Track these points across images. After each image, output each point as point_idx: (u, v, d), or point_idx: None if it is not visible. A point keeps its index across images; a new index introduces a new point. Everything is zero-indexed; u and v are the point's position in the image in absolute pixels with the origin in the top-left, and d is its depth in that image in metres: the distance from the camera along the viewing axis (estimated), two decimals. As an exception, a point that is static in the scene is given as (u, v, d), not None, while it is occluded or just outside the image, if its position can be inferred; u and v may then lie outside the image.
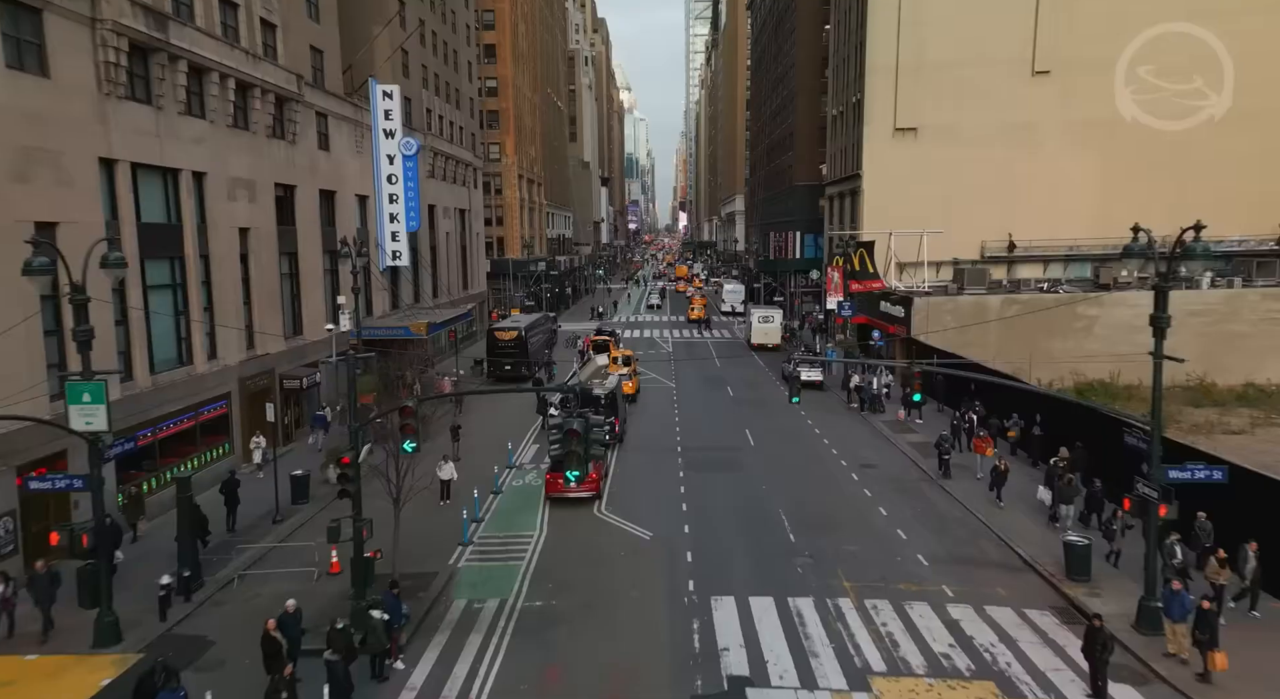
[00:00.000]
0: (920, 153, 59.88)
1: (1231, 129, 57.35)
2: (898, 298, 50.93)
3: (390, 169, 47.30)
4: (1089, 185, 59.22)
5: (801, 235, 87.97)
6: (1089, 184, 59.19)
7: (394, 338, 43.68)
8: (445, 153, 61.56)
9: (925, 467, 32.22)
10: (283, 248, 36.16)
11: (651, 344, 70.70)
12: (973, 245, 60.30)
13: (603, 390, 34.99)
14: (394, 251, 48.08)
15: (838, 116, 70.37)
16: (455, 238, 65.41)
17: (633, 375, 46.02)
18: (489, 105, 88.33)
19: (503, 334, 52.29)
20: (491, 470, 31.32)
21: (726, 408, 44.05)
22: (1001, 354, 47.58)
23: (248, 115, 33.01)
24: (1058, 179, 59.23)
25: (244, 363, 32.32)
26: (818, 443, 36.39)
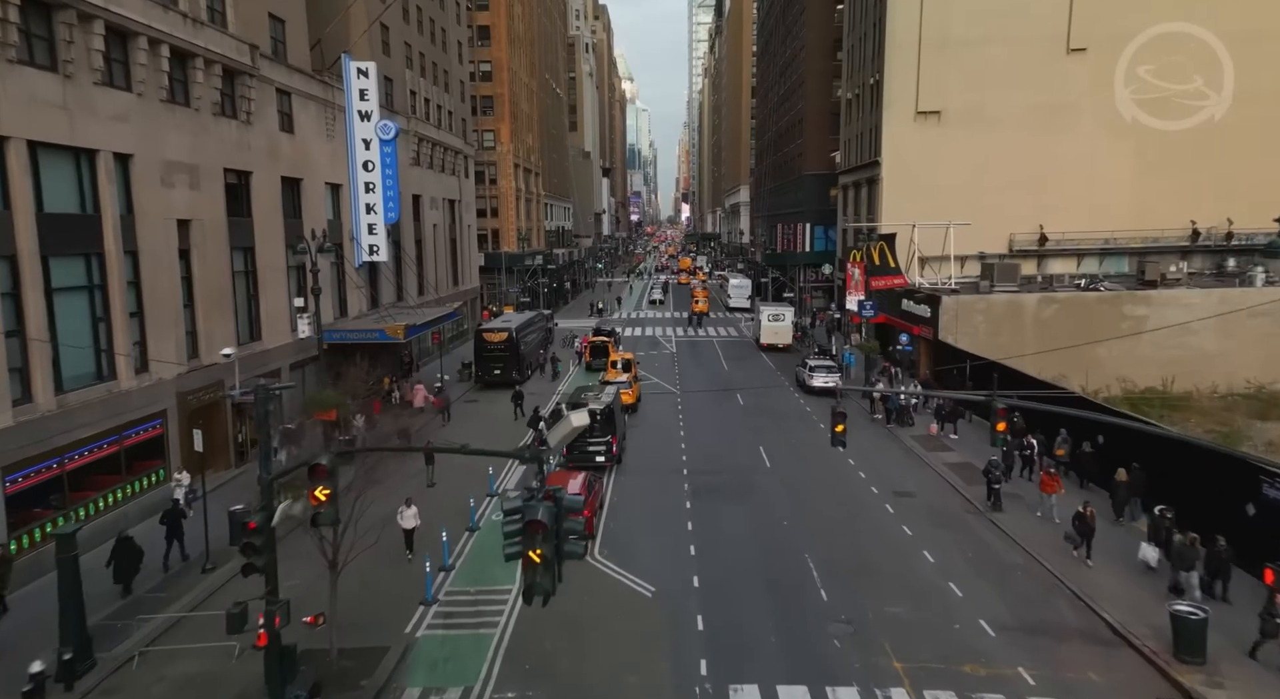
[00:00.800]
0: (944, 138, 55.44)
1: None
2: (923, 296, 46.55)
3: (366, 155, 42.93)
4: (1127, 173, 54.76)
5: (811, 227, 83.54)
6: (1127, 171, 54.73)
7: (367, 342, 39.39)
8: (432, 139, 57.15)
9: (969, 495, 27.88)
10: (235, 242, 31.85)
11: (654, 343, 66.35)
12: (1000, 238, 55.91)
13: (598, 405, 30.69)
14: (371, 246, 43.73)
15: (853, 100, 65.85)
16: (444, 230, 61.06)
17: (633, 382, 41.71)
18: (483, 90, 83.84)
19: (492, 336, 48.00)
20: (468, 500, 27.04)
21: (737, 419, 39.74)
22: (1038, 358, 43.29)
23: (188, 89, 28.64)
24: (1093, 166, 54.79)
25: (185, 375, 28.04)
26: (841, 463, 32.09)
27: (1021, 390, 34.26)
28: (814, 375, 44.95)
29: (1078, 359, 42.99)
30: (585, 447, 30.45)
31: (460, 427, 39.07)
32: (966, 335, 43.91)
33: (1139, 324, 44.13)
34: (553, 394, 46.51)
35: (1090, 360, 43.10)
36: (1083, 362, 42.88)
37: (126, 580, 21.18)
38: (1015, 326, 44.14)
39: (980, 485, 28.05)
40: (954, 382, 41.58)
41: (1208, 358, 42.60)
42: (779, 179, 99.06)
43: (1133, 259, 55.20)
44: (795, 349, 61.37)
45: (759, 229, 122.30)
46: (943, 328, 44.39)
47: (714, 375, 51.89)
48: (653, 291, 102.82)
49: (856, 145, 64.49)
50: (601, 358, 52.38)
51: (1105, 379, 41.91)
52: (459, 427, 39.07)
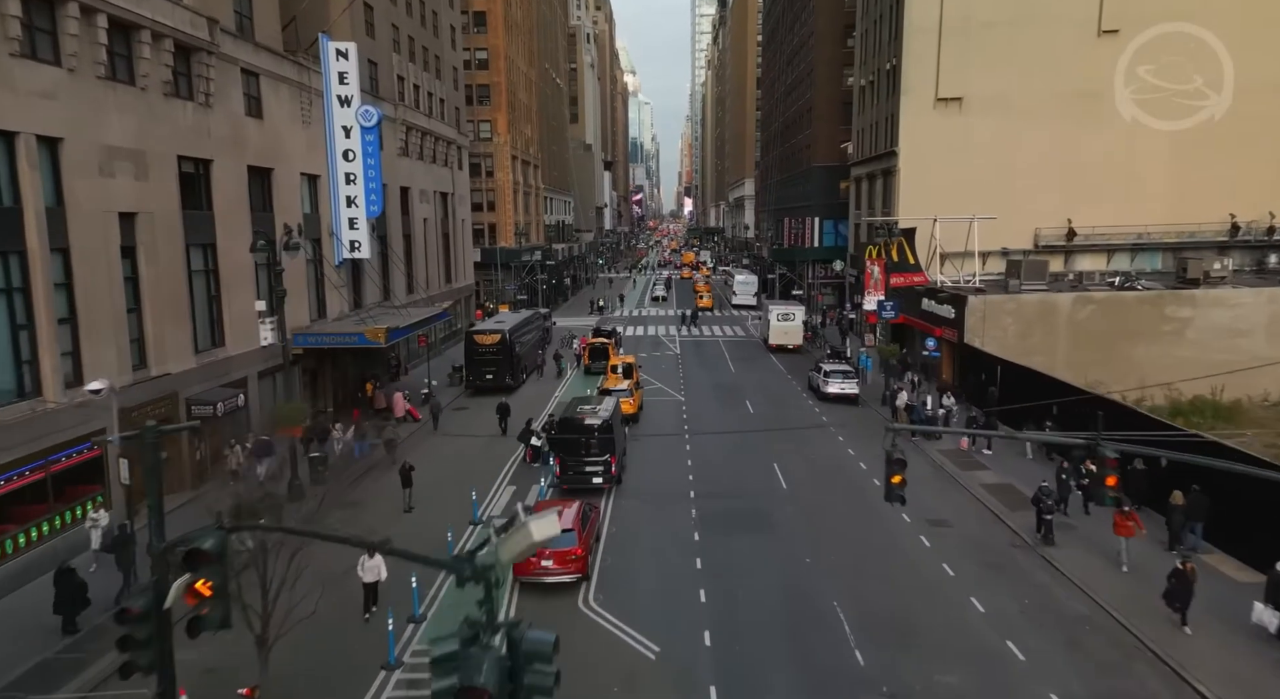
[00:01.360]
0: (966, 126, 52.06)
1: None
2: (947, 295, 43.25)
3: (346, 143, 39.68)
4: (1161, 164, 51.38)
5: (820, 221, 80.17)
6: (1162, 162, 51.35)
7: (344, 346, 36.25)
8: (421, 128, 53.89)
9: (1015, 525, 24.66)
10: (193, 238, 28.67)
11: (656, 344, 63.15)
12: (1024, 233, 52.59)
13: (595, 419, 27.50)
14: (352, 242, 40.52)
15: (866, 87, 62.46)
16: (435, 225, 57.82)
17: (634, 390, 38.46)
18: (479, 78, 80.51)
19: (483, 338, 44.81)
20: (446, 531, 23.87)
21: (748, 431, 36.53)
22: (1072, 363, 40.09)
23: (132, 66, 25.41)
24: (1125, 156, 51.42)
25: (129, 388, 24.86)
26: (865, 483, 28.90)
27: (1058, 400, 31.11)
28: (829, 381, 41.75)
29: (1114, 364, 39.77)
30: (581, 467, 27.28)
31: (445, 439, 35.91)
32: (994, 338, 40.66)
33: (1182, 326, 40.84)
34: (550, 399, 43.33)
35: (1128, 365, 39.85)
36: (1120, 366, 39.64)
37: (69, 616, 18.44)
38: (1047, 329, 40.88)
39: (1025, 512, 24.89)
40: (980, 389, 38.38)
41: (1258, 362, 39.32)
42: (786, 171, 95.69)
43: (1166, 255, 51.88)
44: (806, 350, 58.19)
45: (764, 223, 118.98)
46: (969, 330, 41.13)
47: (721, 379, 48.68)
48: (655, 288, 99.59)
49: (870, 135, 61.13)
50: (601, 360, 49.25)
51: (1147, 386, 38.55)
52: (441, 441, 35.90)
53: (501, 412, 36.48)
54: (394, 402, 38.14)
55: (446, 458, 32.89)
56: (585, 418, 27.60)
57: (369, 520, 25.43)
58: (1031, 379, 35.38)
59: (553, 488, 28.21)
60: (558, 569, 20.07)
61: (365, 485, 29.71)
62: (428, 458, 32.79)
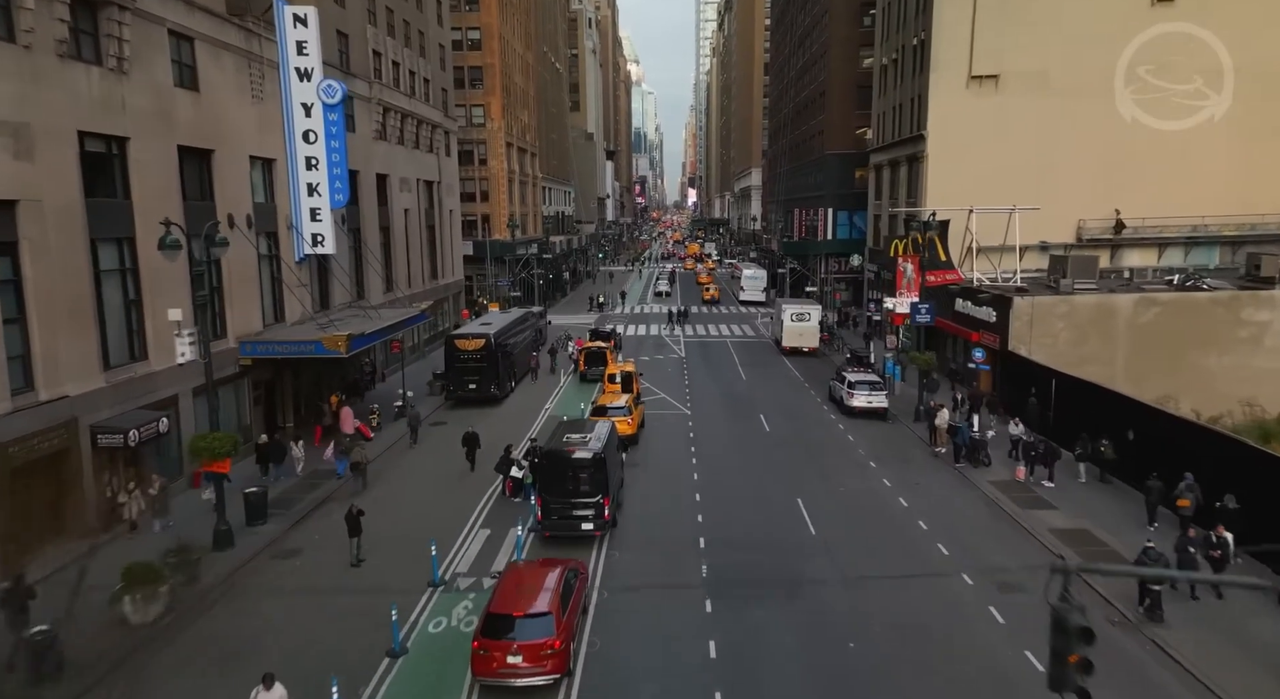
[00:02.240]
0: (1002, 107, 47.19)
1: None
2: (989, 296, 38.31)
3: (307, 123, 34.83)
4: (1220, 147, 46.40)
5: (833, 212, 75.27)
6: (1221, 145, 46.38)
7: (299, 356, 31.47)
8: (401, 109, 48.98)
9: (1105, 591, 19.80)
10: (102, 231, 23.88)
11: (660, 344, 58.32)
12: (1065, 225, 47.73)
13: (586, 452, 22.68)
14: (315, 235, 35.71)
15: (889, 67, 57.39)
16: (418, 216, 52.98)
17: (633, 406, 33.54)
18: (471, 59, 75.51)
19: (465, 343, 39.98)
20: (397, 598, 19.11)
21: (764, 454, 31.74)
22: (1132, 373, 35.25)
23: (11, 18, 20.57)
24: (1179, 141, 46.48)
25: (7, 417, 20.11)
26: (911, 528, 24.08)
27: (1116, 417, 26.13)
28: (854, 393, 36.91)
29: (1182, 375, 34.92)
30: (568, 510, 22.49)
31: (413, 463, 31.11)
32: (1044, 345, 35.81)
33: (1259, 331, 35.94)
34: (539, 412, 38.53)
35: (1198, 376, 35.03)
36: (1188, 378, 34.81)
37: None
38: (1105, 334, 35.99)
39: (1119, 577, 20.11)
40: (1024, 402, 33.54)
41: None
42: (796, 160, 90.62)
43: (1224, 249, 46.96)
44: (822, 353, 53.36)
45: (772, 214, 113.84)
46: (1013, 336, 36.25)
47: (730, 388, 43.81)
48: (658, 283, 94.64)
49: (893, 118, 56.12)
50: (598, 366, 44.51)
51: (1221, 400, 33.70)
52: (410, 465, 31.11)
53: (469, 443, 30.05)
54: (341, 417, 33.36)
55: (411, 490, 28.11)
56: (574, 450, 22.78)
57: (305, 579, 20.75)
58: (1086, 393, 30.61)
59: (533, 532, 23.43)
60: (530, 669, 15.29)
61: (314, 523, 24.97)
62: (392, 488, 28.04)
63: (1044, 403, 33.04)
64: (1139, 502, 25.45)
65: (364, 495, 27.89)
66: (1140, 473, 26.67)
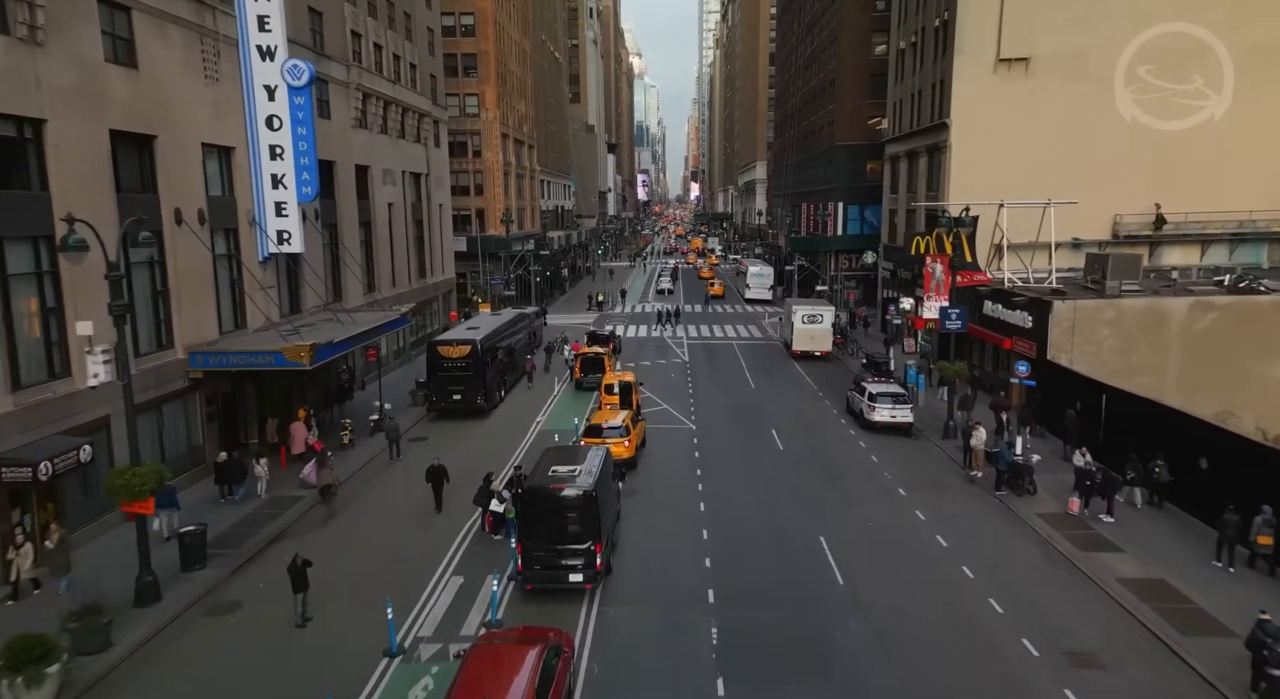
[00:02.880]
0: (1033, 92, 43.60)
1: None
2: (1025, 299, 34.79)
3: (270, 107, 31.36)
4: (1267, 137, 42.85)
5: (844, 207, 71.70)
6: (1268, 136, 42.82)
7: (256, 368, 28.05)
8: (384, 96, 45.48)
9: (1199, 663, 16.32)
10: (10, 228, 20.48)
11: (661, 348, 54.90)
12: (1099, 220, 44.15)
13: (575, 490, 19.24)
14: (280, 232, 32.27)
15: (907, 51, 53.78)
16: (404, 211, 49.52)
17: (631, 426, 29.94)
18: (464, 46, 72.01)
19: (449, 349, 36.55)
20: (343, 673, 15.73)
21: (779, 478, 28.32)
22: (1185, 385, 31.78)
23: (-121, -27, 17.18)
24: (1224, 128, 42.90)
25: (-121, 454, 16.73)
26: (955, 576, 20.64)
27: (1170, 436, 22.55)
28: (876, 406, 33.46)
29: (1242, 387, 31.46)
30: (554, 559, 19.06)
31: (384, 488, 27.68)
32: (1086, 354, 32.34)
33: (1328, 340, 32.47)
34: (529, 427, 35.11)
35: (1261, 389, 31.55)
36: (1249, 390, 31.35)
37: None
38: (1155, 342, 32.50)
39: (1212, 640, 16.74)
40: (1060, 416, 30.13)
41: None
42: (804, 152, 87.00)
43: (1274, 247, 43.42)
44: (836, 357, 49.91)
45: (778, 209, 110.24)
46: (1053, 344, 32.76)
47: (739, 399, 40.34)
48: (661, 280, 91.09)
49: (911, 106, 52.54)
50: (595, 373, 41.14)
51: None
52: (379, 490, 27.69)
53: (434, 478, 25.38)
54: (291, 433, 29.96)
55: (378, 523, 24.73)
56: (560, 487, 19.33)
57: (237, 644, 17.35)
58: (1135, 408, 27.24)
59: (512, 581, 20.03)
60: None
61: (263, 565, 21.60)
62: (356, 519, 24.64)
63: (1084, 417, 29.67)
64: (1203, 534, 22.25)
65: (333, 523, 24.62)
66: (1198, 497, 23.50)
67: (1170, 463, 24.76)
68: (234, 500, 26.50)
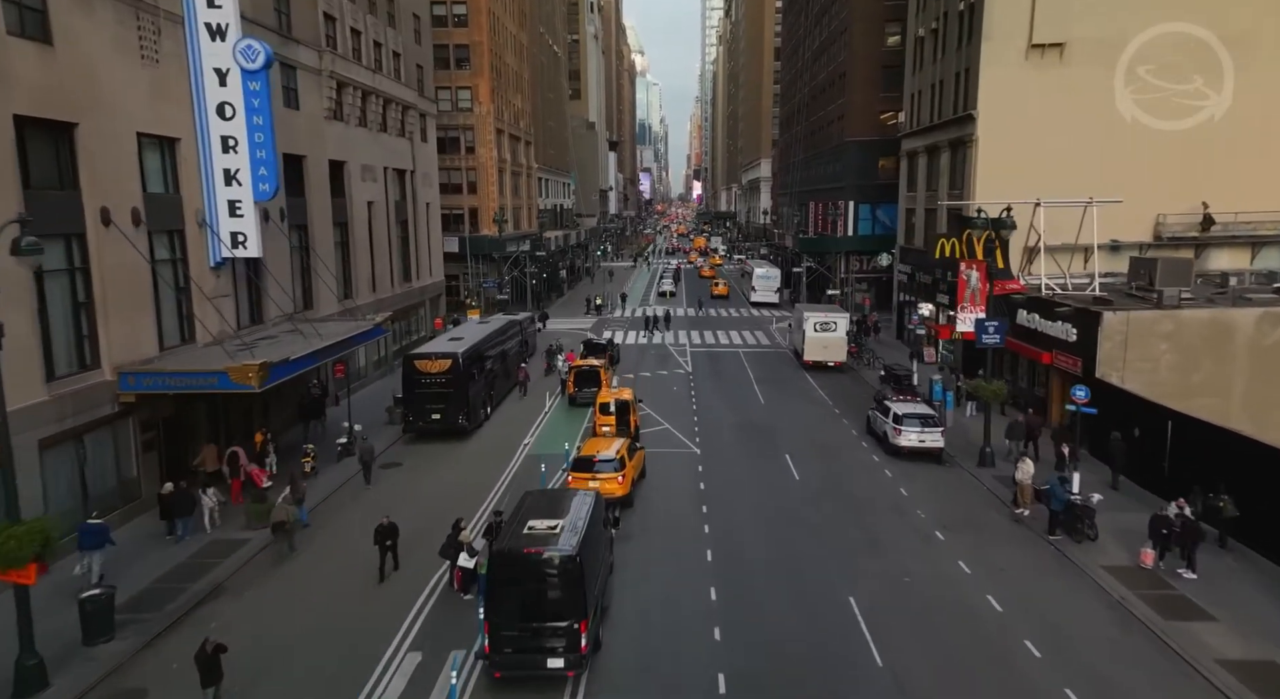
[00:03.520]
0: (1067, 81, 40.01)
1: None
2: (1070, 310, 31.12)
3: (221, 93, 27.81)
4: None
5: (855, 206, 68.10)
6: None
7: (197, 391, 24.51)
8: (363, 86, 41.94)
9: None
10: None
11: (663, 356, 51.34)
12: (1140, 220, 40.56)
13: (554, 552, 15.65)
14: (235, 234, 28.72)
15: (926, 38, 50.14)
16: (386, 210, 46.00)
17: (628, 456, 26.15)
18: (456, 37, 68.48)
19: (427, 364, 32.96)
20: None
21: (797, 516, 24.73)
22: (1251, 407, 28.16)
23: None
24: (1270, 119, 39.31)
25: None
26: (1016, 652, 17.04)
27: (1235, 464, 19.08)
28: (903, 429, 29.85)
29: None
30: (530, 641, 15.45)
31: (341, 533, 24.04)
32: (1141, 372, 28.70)
33: None
34: (514, 452, 31.54)
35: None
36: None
37: None
38: (1219, 359, 28.85)
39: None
40: (1105, 439, 26.53)
41: None
42: (812, 149, 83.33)
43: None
44: (849, 367, 46.33)
45: (784, 207, 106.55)
46: (1102, 360, 29.12)
47: (747, 416, 36.76)
48: (662, 282, 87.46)
49: (932, 98, 48.91)
50: (590, 387, 37.68)
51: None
52: (335, 535, 24.07)
53: (382, 539, 20.60)
54: (227, 461, 26.38)
55: (327, 578, 21.15)
56: (540, 549, 15.74)
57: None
58: (1194, 433, 23.70)
59: (480, 659, 16.46)
60: None
61: (185, 632, 18.03)
62: (304, 573, 21.06)
63: (1139, 442, 26.13)
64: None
65: (285, 566, 21.12)
66: (1270, 534, 20.08)
67: (1235, 495, 21.32)
68: (180, 537, 23.17)
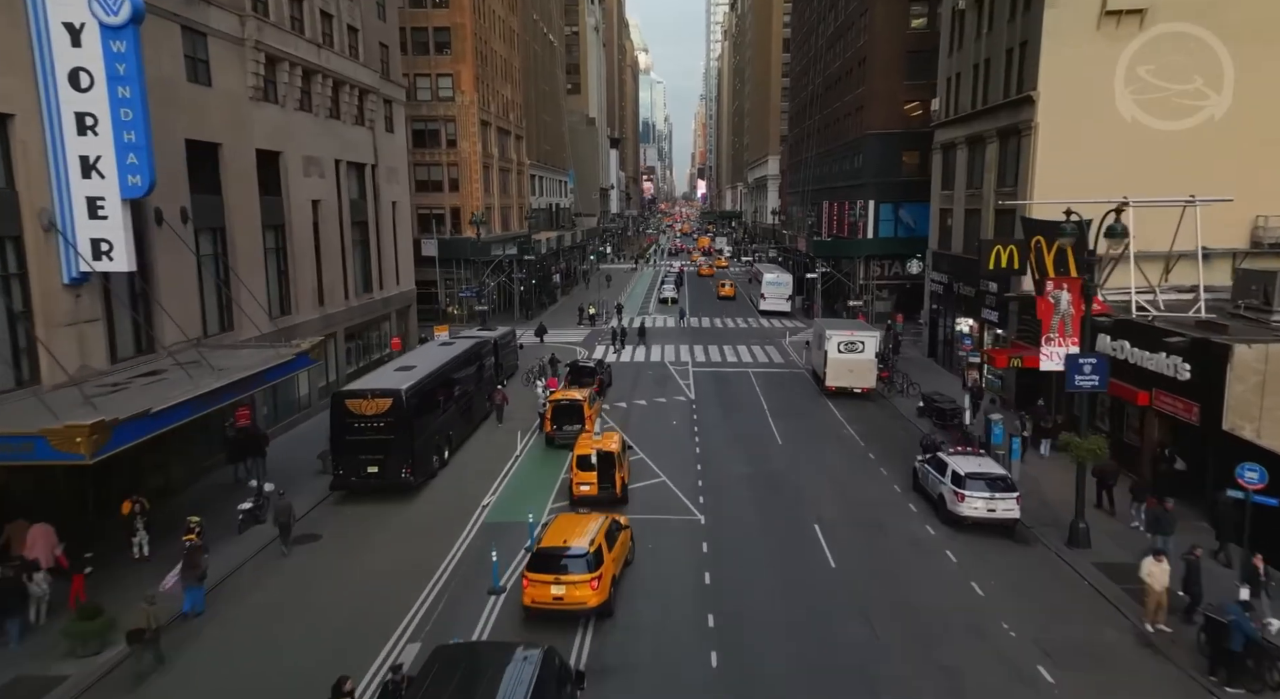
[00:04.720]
0: (1146, 57, 33.05)
1: None
2: (1184, 340, 24.12)
3: (75, 57, 21.09)
4: None
5: (876, 205, 61.29)
6: None
7: (6, 462, 17.75)
8: (306, 62, 35.20)
9: None
10: None
11: (663, 377, 44.51)
12: (1230, 223, 33.53)
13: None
14: (99, 241, 21.99)
15: (967, 11, 43.21)
16: (338, 210, 39.26)
17: (609, 544, 18.99)
18: (435, 18, 61.91)
19: (361, 404, 26.06)
20: None
21: (838, 639, 17.88)
22: None
23: None
24: None
25: None
26: None
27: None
28: (967, 494, 23.00)
29: None
30: None
31: (251, 619, 17.17)
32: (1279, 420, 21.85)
33: None
34: (473, 512, 24.72)
35: None
36: None
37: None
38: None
39: None
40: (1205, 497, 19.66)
41: None
42: (827, 143, 76.38)
43: None
44: (881, 395, 39.51)
45: (794, 207, 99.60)
46: (1232, 407, 22.21)
47: (763, 463, 29.84)
48: (664, 287, 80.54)
49: (975, 79, 41.97)
50: (571, 424, 31.04)
51: None
52: (236, 621, 17.22)
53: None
54: (29, 539, 19.29)
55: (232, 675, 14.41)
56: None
57: None
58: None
59: None
60: None
61: None
62: None
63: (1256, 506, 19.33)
64: None
65: (156, 675, 14.50)
66: None
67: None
68: (8, 645, 16.94)
